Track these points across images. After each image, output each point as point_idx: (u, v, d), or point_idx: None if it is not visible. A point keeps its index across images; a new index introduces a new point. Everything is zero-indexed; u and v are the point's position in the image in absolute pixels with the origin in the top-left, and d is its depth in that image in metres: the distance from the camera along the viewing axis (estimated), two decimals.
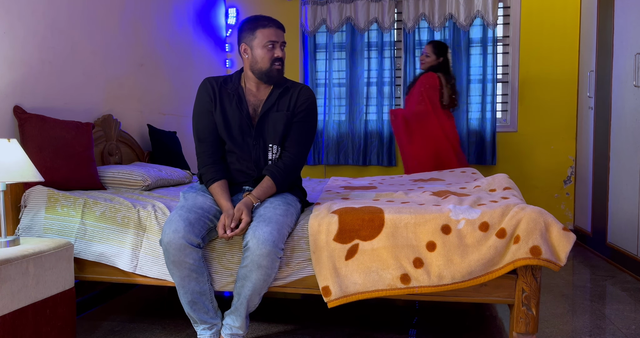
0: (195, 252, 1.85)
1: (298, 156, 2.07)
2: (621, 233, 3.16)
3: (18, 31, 2.33)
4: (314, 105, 2.11)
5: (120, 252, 2.09)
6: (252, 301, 1.90)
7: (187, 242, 1.82)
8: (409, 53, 4.31)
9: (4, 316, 1.67)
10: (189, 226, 1.84)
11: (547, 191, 4.22)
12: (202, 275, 1.90)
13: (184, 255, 1.83)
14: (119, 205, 2.16)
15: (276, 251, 1.82)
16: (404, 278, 1.86)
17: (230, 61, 4.68)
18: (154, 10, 3.47)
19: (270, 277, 1.86)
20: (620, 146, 3.20)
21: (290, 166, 2.05)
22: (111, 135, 2.92)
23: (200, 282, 1.90)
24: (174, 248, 1.82)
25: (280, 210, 1.91)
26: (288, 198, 2.03)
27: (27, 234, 2.19)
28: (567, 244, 1.77)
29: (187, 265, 1.85)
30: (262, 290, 1.90)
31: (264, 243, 1.79)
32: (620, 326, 2.25)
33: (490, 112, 4.17)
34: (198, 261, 1.87)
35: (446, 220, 1.86)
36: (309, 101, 2.09)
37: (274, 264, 1.84)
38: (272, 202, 1.96)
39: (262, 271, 1.83)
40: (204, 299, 1.92)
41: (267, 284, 1.89)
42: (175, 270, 1.86)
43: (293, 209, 1.98)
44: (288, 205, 1.97)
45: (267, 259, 1.81)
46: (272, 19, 2.03)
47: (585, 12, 3.91)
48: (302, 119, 2.07)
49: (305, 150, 2.09)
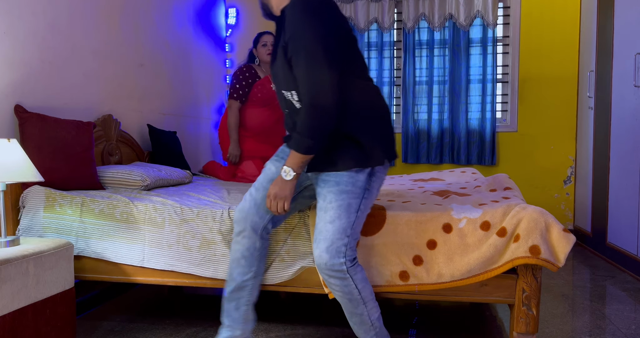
0: (254, 238, 1.80)
1: (306, 99, 1.59)
2: (621, 233, 3.16)
3: (18, 31, 2.33)
4: (298, 25, 1.58)
5: (124, 248, 2.12)
6: (354, 322, 1.74)
7: (248, 223, 1.79)
8: (408, 53, 4.31)
9: (4, 316, 1.67)
10: (255, 207, 1.78)
11: (547, 191, 4.22)
12: (249, 267, 1.82)
13: (242, 236, 1.82)
14: (116, 201, 2.18)
15: (336, 270, 1.64)
16: (403, 275, 1.86)
17: (230, 61, 4.68)
18: (154, 10, 3.47)
19: (353, 295, 1.68)
20: (620, 146, 3.20)
21: (303, 118, 1.60)
22: (111, 135, 2.92)
23: (244, 274, 1.83)
24: (237, 224, 1.82)
25: (330, 213, 1.65)
26: (342, 182, 1.66)
27: (27, 234, 2.20)
28: (567, 245, 1.77)
29: (240, 248, 1.82)
30: (357, 309, 1.70)
31: (318, 267, 1.68)
32: (620, 326, 2.25)
33: (490, 112, 4.17)
34: (252, 250, 1.81)
35: (448, 218, 1.87)
36: (291, 23, 1.59)
37: (345, 282, 1.66)
38: (325, 197, 1.68)
39: (338, 292, 1.69)
40: (239, 294, 1.84)
41: (357, 302, 1.69)
42: (232, 250, 1.85)
43: (349, 197, 1.65)
44: (341, 195, 1.66)
45: (331, 281, 1.67)
46: None
47: (585, 12, 3.91)
48: (293, 50, 1.61)
49: (311, 84, 1.57)
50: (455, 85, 4.22)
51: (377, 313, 1.74)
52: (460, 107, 4.20)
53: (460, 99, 4.20)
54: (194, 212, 2.10)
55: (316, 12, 1.58)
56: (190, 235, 2.07)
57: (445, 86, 4.25)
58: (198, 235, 2.07)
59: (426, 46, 4.28)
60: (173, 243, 2.08)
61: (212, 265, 2.05)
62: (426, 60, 4.28)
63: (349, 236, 1.66)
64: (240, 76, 3.31)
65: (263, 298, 2.69)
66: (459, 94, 4.20)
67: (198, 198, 2.33)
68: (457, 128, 4.22)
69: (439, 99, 4.28)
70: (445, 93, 4.25)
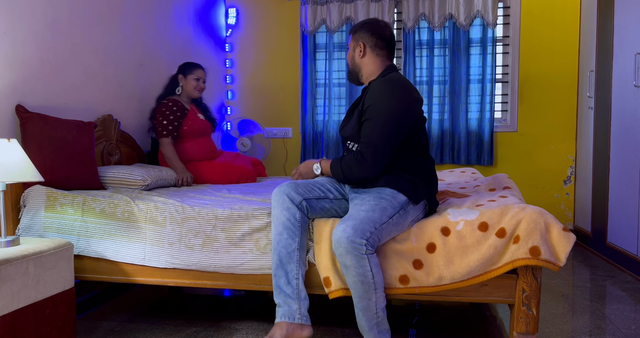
0: (293, 209, 1.90)
1: (360, 154, 1.93)
2: (621, 233, 3.16)
3: (18, 31, 2.33)
4: (379, 99, 1.93)
5: (125, 246, 2.12)
6: (360, 308, 1.79)
7: (286, 194, 1.90)
8: (408, 53, 4.31)
9: (4, 316, 1.67)
10: (293, 184, 1.95)
11: (547, 191, 4.22)
12: (293, 238, 1.89)
13: (282, 208, 1.90)
14: (117, 201, 2.19)
15: (355, 247, 1.72)
16: (403, 279, 1.86)
17: (230, 61, 4.68)
18: (154, 10, 3.47)
19: (367, 277, 1.74)
20: (620, 146, 3.20)
21: (350, 160, 1.95)
22: (111, 135, 2.92)
23: (289, 246, 1.88)
24: (275, 200, 1.93)
25: (366, 206, 1.83)
26: (384, 192, 1.90)
27: (27, 234, 2.20)
28: (567, 245, 1.77)
29: (281, 221, 1.89)
30: (368, 294, 1.76)
31: (337, 241, 1.75)
32: (620, 326, 2.25)
33: (490, 112, 4.17)
34: (293, 220, 1.89)
35: (445, 222, 1.87)
36: (374, 96, 1.95)
37: (361, 262, 1.73)
38: (364, 198, 1.90)
39: (352, 272, 1.74)
40: (287, 267, 1.87)
41: (369, 286, 1.76)
42: (273, 226, 1.92)
43: (386, 203, 1.84)
44: (380, 199, 1.86)
45: (348, 258, 1.73)
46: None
47: (585, 12, 3.91)
48: (367, 115, 1.94)
49: (368, 146, 1.90)
50: (455, 85, 4.21)
51: (384, 304, 1.81)
52: (460, 107, 4.20)
53: (460, 99, 4.20)
54: (196, 211, 2.10)
55: (394, 96, 1.92)
56: (192, 234, 2.07)
57: (445, 86, 4.25)
58: (200, 234, 2.07)
59: (426, 46, 4.28)
60: (175, 241, 2.08)
61: (213, 262, 2.05)
62: (426, 60, 4.28)
63: (375, 230, 1.77)
64: (167, 112, 2.95)
65: (263, 298, 2.69)
66: (459, 94, 4.20)
67: (199, 198, 2.33)
68: (457, 128, 4.22)
69: (439, 99, 4.27)
70: (445, 93, 4.25)
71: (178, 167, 2.87)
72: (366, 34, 2.08)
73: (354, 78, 2.15)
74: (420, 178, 1.97)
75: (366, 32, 2.08)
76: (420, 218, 1.95)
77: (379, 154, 1.89)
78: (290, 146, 4.62)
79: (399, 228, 1.87)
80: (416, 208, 1.93)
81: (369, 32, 2.07)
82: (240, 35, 4.66)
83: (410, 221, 1.90)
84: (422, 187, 1.95)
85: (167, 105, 2.99)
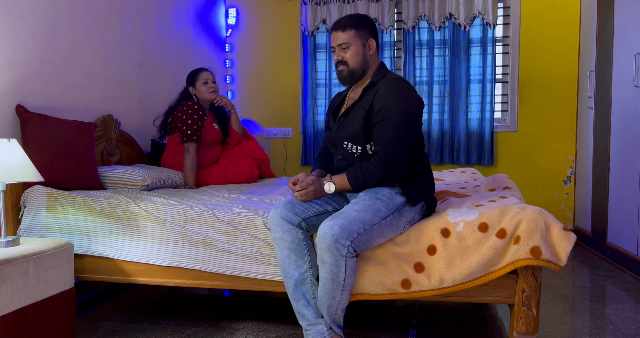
0: (294, 230, 1.85)
1: (383, 157, 1.88)
2: (621, 233, 3.16)
3: (18, 31, 2.33)
4: (395, 99, 1.89)
5: (129, 245, 2.13)
6: (323, 303, 1.81)
7: (283, 218, 1.86)
8: (408, 53, 4.31)
9: (4, 316, 1.67)
10: (289, 204, 1.90)
11: (547, 191, 4.22)
12: (302, 258, 1.85)
13: (282, 232, 1.86)
14: (117, 201, 2.20)
15: (337, 247, 1.71)
16: (405, 283, 1.86)
17: (230, 61, 4.68)
18: (154, 10, 3.47)
19: (339, 277, 1.75)
20: (620, 146, 3.20)
21: (372, 168, 1.88)
22: (111, 135, 2.92)
23: (300, 267, 1.85)
24: (273, 224, 1.88)
25: (359, 205, 1.80)
26: (381, 193, 1.87)
27: (28, 234, 2.20)
28: (568, 244, 1.77)
29: (285, 244, 1.85)
30: (334, 292, 1.78)
31: (322, 237, 1.74)
32: (620, 326, 2.25)
33: (490, 112, 4.17)
34: (297, 241, 1.86)
35: (445, 223, 1.87)
36: (387, 96, 1.90)
37: (338, 262, 1.73)
38: (359, 197, 1.88)
39: (326, 268, 1.75)
40: (303, 289, 1.85)
41: (338, 285, 1.77)
42: (277, 249, 1.89)
43: (381, 204, 1.82)
44: (375, 200, 1.83)
45: (327, 254, 1.73)
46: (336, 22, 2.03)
47: (585, 12, 3.91)
48: (383, 116, 1.89)
49: (391, 148, 1.87)
50: (455, 85, 4.21)
51: (345, 304, 1.84)
52: (460, 108, 4.20)
53: (460, 99, 4.20)
54: (197, 212, 2.10)
55: (409, 95, 1.91)
56: (193, 234, 2.08)
57: (445, 86, 4.25)
58: (201, 235, 2.07)
59: (426, 46, 4.28)
60: (178, 239, 2.09)
61: (217, 261, 2.05)
62: (426, 60, 4.28)
63: (364, 231, 1.76)
64: (194, 115, 2.84)
65: (263, 299, 2.69)
66: (459, 94, 4.20)
67: (199, 199, 2.33)
68: (457, 128, 4.22)
69: (439, 99, 4.27)
70: (445, 93, 4.25)
71: (190, 179, 2.81)
72: (373, 31, 2.01)
73: (355, 78, 2.01)
74: (420, 177, 1.97)
75: (372, 29, 2.01)
76: (416, 220, 1.93)
77: (404, 154, 1.89)
78: (291, 146, 4.62)
79: (393, 229, 1.85)
80: (412, 209, 1.91)
81: (374, 28, 2.02)
82: (240, 36, 4.66)
83: (405, 222, 1.88)
84: (421, 187, 1.94)
85: (192, 107, 2.87)
